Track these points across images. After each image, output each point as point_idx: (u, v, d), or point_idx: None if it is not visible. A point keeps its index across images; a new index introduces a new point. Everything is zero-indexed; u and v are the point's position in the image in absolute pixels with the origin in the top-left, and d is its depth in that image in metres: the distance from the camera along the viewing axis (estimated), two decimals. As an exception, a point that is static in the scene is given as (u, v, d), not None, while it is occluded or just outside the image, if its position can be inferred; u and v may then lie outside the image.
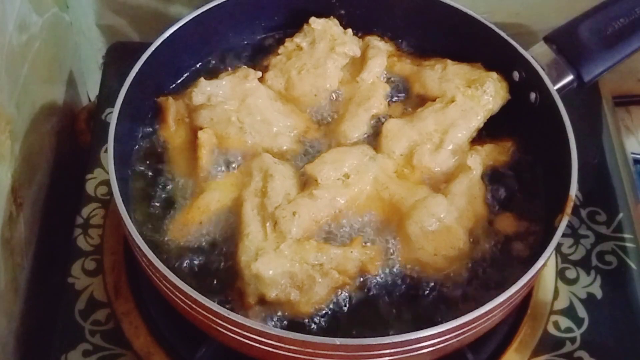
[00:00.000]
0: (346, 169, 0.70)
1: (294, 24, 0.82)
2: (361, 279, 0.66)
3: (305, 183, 0.70)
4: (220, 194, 0.70)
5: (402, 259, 0.67)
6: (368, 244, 0.67)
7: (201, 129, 0.73)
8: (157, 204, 0.71)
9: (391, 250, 0.67)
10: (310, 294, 0.64)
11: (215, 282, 0.66)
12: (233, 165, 0.72)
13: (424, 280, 0.66)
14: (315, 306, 0.64)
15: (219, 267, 0.67)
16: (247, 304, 0.64)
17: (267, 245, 0.65)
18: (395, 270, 0.66)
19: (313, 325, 0.64)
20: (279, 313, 0.64)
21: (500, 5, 0.93)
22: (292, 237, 0.65)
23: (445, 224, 0.66)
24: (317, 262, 0.64)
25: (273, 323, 0.63)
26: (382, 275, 0.66)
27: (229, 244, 0.68)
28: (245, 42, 0.84)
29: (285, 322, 0.64)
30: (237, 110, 0.74)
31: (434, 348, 0.59)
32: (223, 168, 0.72)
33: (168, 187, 0.72)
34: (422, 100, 0.78)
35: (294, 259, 0.64)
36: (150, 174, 0.73)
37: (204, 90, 0.74)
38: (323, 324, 0.64)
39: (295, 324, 0.63)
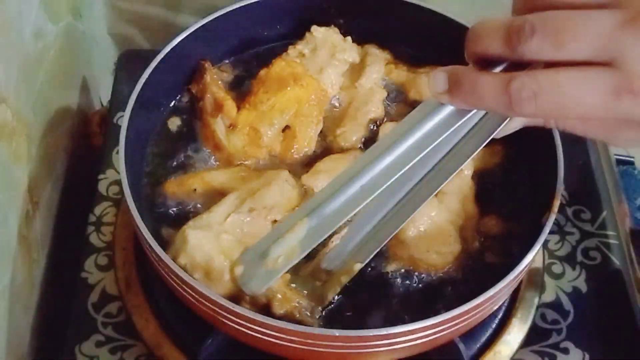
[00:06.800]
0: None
1: (296, 34, 0.82)
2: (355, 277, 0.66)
3: (305, 193, 0.70)
4: (226, 178, 0.70)
5: (395, 257, 0.67)
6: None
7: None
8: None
9: (385, 250, 0.67)
10: (210, 284, 0.62)
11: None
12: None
13: (417, 277, 0.66)
14: None
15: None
16: None
17: (216, 227, 0.64)
18: (389, 267, 0.66)
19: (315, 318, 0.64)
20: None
21: (491, 15, 0.93)
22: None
23: (436, 222, 0.66)
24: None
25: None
26: (378, 271, 0.66)
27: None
28: (250, 50, 0.84)
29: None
30: None
31: (427, 339, 0.59)
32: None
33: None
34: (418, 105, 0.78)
35: (223, 252, 0.63)
36: (159, 174, 0.73)
37: None
38: (324, 317, 0.64)
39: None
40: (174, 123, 0.77)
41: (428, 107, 0.52)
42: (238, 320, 0.58)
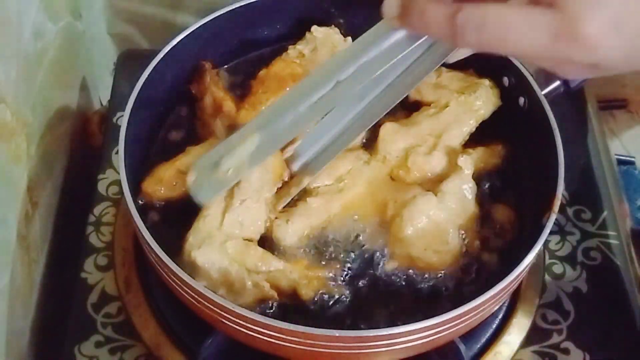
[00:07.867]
0: (340, 173, 0.69)
1: (296, 34, 0.82)
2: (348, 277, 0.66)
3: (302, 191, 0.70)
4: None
5: (394, 256, 0.67)
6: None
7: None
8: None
9: (385, 250, 0.67)
10: (236, 297, 0.62)
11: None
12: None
13: (416, 276, 0.66)
14: None
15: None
16: None
17: (216, 235, 0.63)
18: (388, 267, 0.66)
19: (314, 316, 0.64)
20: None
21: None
22: (285, 244, 0.65)
23: (434, 220, 0.66)
24: (254, 269, 0.63)
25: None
26: (378, 271, 0.66)
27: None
28: (250, 50, 0.84)
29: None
30: None
31: (428, 339, 0.59)
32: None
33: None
34: (418, 106, 0.78)
35: (234, 259, 0.63)
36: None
37: None
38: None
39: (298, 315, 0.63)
40: (174, 123, 0.77)
41: (381, 30, 0.53)
42: (238, 321, 0.58)
